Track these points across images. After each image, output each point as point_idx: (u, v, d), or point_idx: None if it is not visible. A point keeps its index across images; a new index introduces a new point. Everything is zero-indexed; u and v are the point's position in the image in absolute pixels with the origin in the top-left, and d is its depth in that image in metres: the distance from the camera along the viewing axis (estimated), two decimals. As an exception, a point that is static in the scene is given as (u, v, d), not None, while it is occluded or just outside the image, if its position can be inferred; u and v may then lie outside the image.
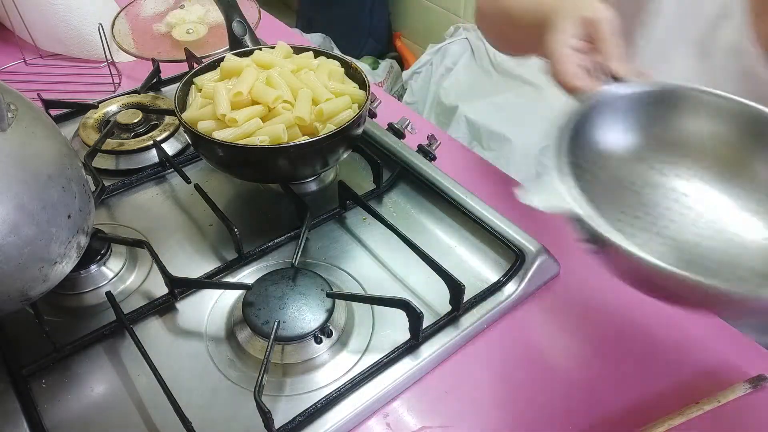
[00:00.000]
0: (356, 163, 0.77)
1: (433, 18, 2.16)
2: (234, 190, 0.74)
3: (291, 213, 0.67)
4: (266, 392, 0.52)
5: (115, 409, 0.51)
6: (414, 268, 0.62)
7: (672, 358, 0.56)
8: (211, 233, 0.67)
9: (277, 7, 2.66)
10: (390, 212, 0.71)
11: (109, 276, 0.62)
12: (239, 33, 0.75)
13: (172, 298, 0.59)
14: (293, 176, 0.69)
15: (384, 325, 0.58)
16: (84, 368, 0.54)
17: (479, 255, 0.65)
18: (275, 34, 1.06)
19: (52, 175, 0.48)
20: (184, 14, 1.04)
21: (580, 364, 0.55)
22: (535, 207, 0.42)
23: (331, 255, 0.65)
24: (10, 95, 0.49)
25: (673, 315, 0.59)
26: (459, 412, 0.51)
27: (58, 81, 0.95)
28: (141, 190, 0.73)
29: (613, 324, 0.59)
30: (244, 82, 0.63)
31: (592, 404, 0.52)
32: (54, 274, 0.50)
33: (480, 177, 0.76)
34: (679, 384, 0.54)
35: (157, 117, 0.81)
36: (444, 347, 0.55)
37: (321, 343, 0.55)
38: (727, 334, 0.58)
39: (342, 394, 0.51)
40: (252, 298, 0.56)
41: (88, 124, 0.78)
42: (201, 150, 0.65)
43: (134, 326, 0.56)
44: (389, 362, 0.53)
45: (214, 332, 0.57)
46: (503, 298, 0.59)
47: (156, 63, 0.88)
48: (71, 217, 0.49)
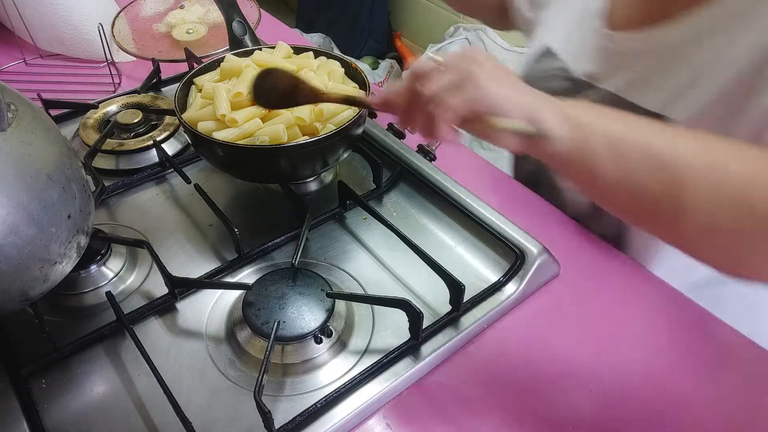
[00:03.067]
0: (356, 163, 0.77)
1: (433, 18, 2.16)
2: (234, 190, 0.74)
3: (291, 213, 0.67)
4: (266, 392, 0.52)
5: (115, 409, 0.51)
6: (414, 268, 0.62)
7: (673, 357, 0.56)
8: (211, 233, 0.67)
9: (277, 7, 2.66)
10: (390, 212, 0.71)
11: (109, 276, 0.62)
12: (239, 33, 0.75)
13: (172, 298, 0.59)
14: (293, 176, 0.69)
15: (384, 325, 0.57)
16: (84, 368, 0.54)
17: (479, 255, 0.65)
18: (275, 34, 1.06)
19: (52, 175, 0.48)
20: (184, 14, 1.04)
21: (580, 364, 0.55)
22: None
23: (331, 255, 0.65)
24: (10, 95, 0.49)
25: (674, 315, 0.60)
26: (459, 412, 0.51)
27: (58, 81, 0.95)
28: (141, 190, 0.73)
29: (612, 324, 0.59)
30: (243, 82, 0.63)
31: (592, 404, 0.52)
32: (54, 274, 0.50)
33: (480, 177, 0.76)
34: (678, 380, 0.54)
35: (157, 117, 0.81)
36: (444, 347, 0.55)
37: (321, 343, 0.55)
38: (726, 331, 0.58)
39: (342, 394, 0.51)
40: (252, 298, 0.56)
41: (88, 124, 0.78)
42: (201, 150, 0.65)
43: (134, 326, 0.56)
44: (389, 362, 0.53)
45: (214, 332, 0.57)
46: (503, 298, 0.59)
47: (156, 63, 0.88)
48: (71, 217, 0.49)
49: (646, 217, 0.45)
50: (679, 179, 0.41)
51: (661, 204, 0.42)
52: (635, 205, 0.44)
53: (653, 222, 0.45)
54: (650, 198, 0.43)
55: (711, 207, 0.41)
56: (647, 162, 0.42)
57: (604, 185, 0.45)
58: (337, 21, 2.37)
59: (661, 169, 0.42)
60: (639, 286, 0.63)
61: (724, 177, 0.41)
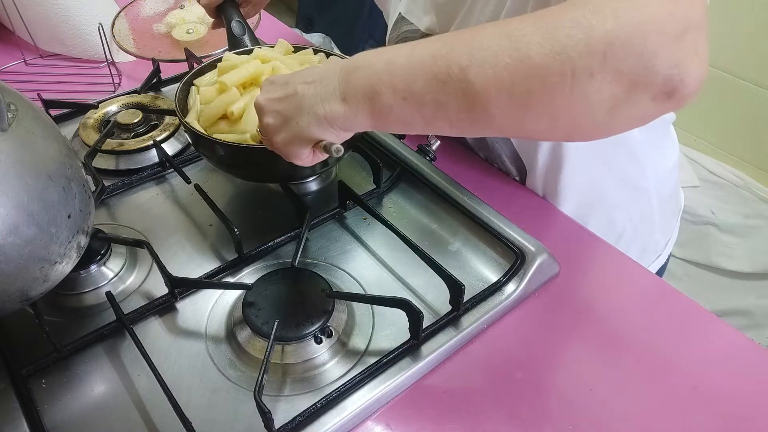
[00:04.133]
0: (356, 163, 0.77)
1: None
2: (234, 190, 0.74)
3: (291, 213, 0.67)
4: (266, 392, 0.52)
5: (115, 409, 0.51)
6: (414, 268, 0.62)
7: (673, 357, 0.56)
8: (211, 233, 0.67)
9: (277, 7, 2.66)
10: (390, 212, 0.71)
11: (109, 276, 0.62)
12: (238, 33, 0.75)
13: (172, 298, 0.59)
14: (293, 176, 0.69)
15: (384, 325, 0.57)
16: (84, 368, 0.54)
17: (479, 255, 0.65)
18: (275, 34, 1.05)
19: (52, 176, 0.48)
20: (184, 14, 1.04)
21: (580, 364, 0.55)
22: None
23: (331, 255, 0.65)
24: (10, 95, 0.49)
25: (673, 314, 0.60)
26: (459, 412, 0.51)
27: (58, 81, 0.96)
28: (141, 190, 0.73)
29: (612, 323, 0.59)
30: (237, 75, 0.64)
31: (592, 404, 0.52)
32: (54, 274, 0.50)
33: (480, 177, 0.76)
34: (678, 380, 0.54)
35: (157, 117, 0.81)
36: (444, 347, 0.55)
37: (321, 343, 0.54)
38: (726, 331, 0.58)
39: (342, 394, 0.51)
40: (252, 298, 0.56)
41: (88, 124, 0.78)
42: (201, 150, 0.65)
43: (134, 326, 0.56)
44: (389, 362, 0.53)
45: (214, 332, 0.57)
46: (503, 298, 0.59)
47: (156, 63, 0.88)
48: (71, 218, 0.49)
49: (468, 126, 0.45)
50: (467, 83, 0.41)
51: (469, 111, 0.43)
52: (452, 125, 0.45)
53: (474, 127, 0.45)
54: (456, 111, 0.43)
55: (505, 91, 0.41)
56: (435, 88, 0.43)
57: (423, 126, 0.46)
58: (337, 21, 2.36)
59: (446, 85, 0.42)
60: (639, 285, 0.63)
61: (500, 57, 0.40)
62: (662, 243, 0.84)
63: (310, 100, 0.48)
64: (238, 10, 0.76)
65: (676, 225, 0.86)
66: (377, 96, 0.45)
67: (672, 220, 0.85)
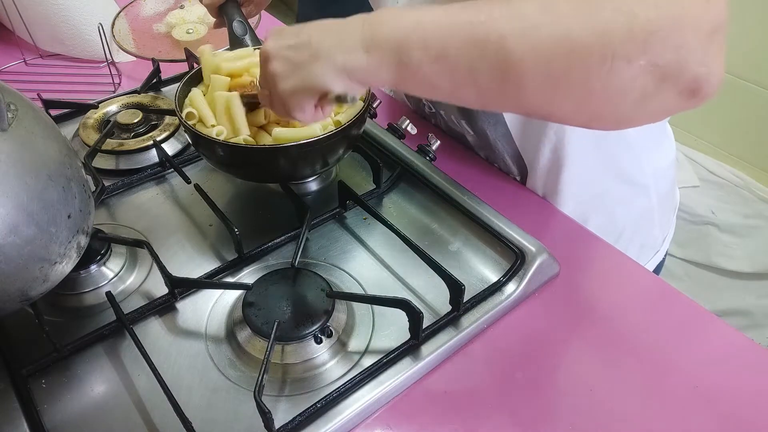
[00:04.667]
0: (356, 163, 0.77)
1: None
2: (234, 190, 0.74)
3: (291, 213, 0.67)
4: (266, 392, 0.52)
5: (115, 409, 0.51)
6: (414, 268, 0.62)
7: (673, 356, 0.56)
8: (211, 233, 0.67)
9: (277, 7, 2.66)
10: (390, 212, 0.71)
11: (109, 276, 0.62)
12: (239, 33, 0.75)
13: (172, 298, 0.59)
14: (293, 176, 0.69)
15: (384, 325, 0.57)
16: (84, 368, 0.54)
17: (479, 255, 0.65)
18: (275, 34, 1.06)
19: (52, 175, 0.48)
20: (184, 14, 1.04)
21: (580, 364, 0.55)
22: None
23: (331, 255, 0.65)
24: (10, 95, 0.49)
25: (673, 314, 0.60)
26: (459, 412, 0.51)
27: (58, 81, 0.96)
28: (141, 190, 0.73)
29: (612, 323, 0.59)
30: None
31: (593, 404, 0.52)
32: (54, 274, 0.50)
33: (480, 177, 0.76)
34: (678, 380, 0.54)
35: (157, 117, 0.81)
36: (444, 347, 0.55)
37: (321, 343, 0.54)
38: (726, 330, 0.58)
39: (342, 394, 0.51)
40: (252, 298, 0.56)
41: (88, 124, 0.78)
42: (201, 150, 0.65)
43: (134, 326, 0.56)
44: (389, 362, 0.53)
45: (214, 332, 0.57)
46: (503, 298, 0.59)
47: (156, 63, 0.88)
48: (71, 217, 0.49)
49: (495, 98, 0.44)
50: (505, 52, 0.40)
51: (502, 81, 0.42)
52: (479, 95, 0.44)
53: (500, 99, 0.44)
54: (488, 80, 0.42)
55: (543, 65, 0.40)
56: (471, 53, 0.42)
57: (449, 92, 0.45)
58: (338, 21, 2.36)
59: (483, 51, 0.41)
60: (639, 285, 0.63)
61: (542, 30, 0.39)
62: (660, 239, 0.84)
63: (327, 48, 0.46)
64: (239, 10, 0.76)
65: (673, 221, 0.87)
66: (407, 51, 0.43)
67: (670, 216, 0.85)
